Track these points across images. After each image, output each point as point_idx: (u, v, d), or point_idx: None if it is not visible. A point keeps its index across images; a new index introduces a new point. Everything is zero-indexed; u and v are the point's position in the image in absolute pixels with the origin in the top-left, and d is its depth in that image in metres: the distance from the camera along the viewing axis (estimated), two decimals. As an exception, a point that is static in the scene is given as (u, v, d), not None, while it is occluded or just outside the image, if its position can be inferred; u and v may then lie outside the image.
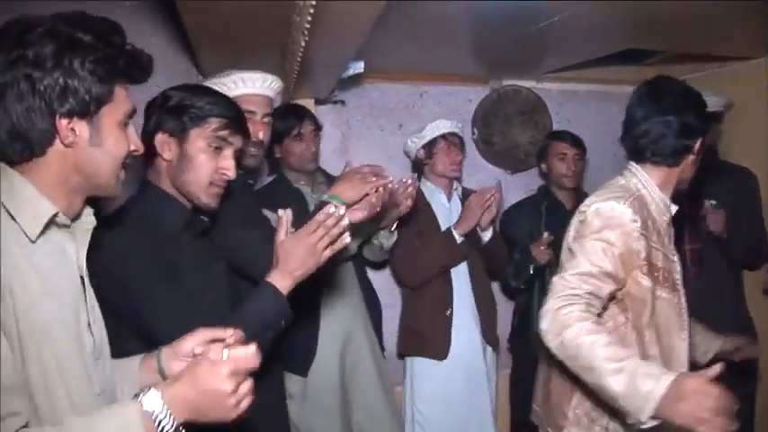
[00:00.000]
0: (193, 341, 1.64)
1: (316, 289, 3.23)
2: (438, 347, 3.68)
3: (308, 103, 3.92)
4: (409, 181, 2.99)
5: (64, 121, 1.38)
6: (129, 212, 2.01)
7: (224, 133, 2.09)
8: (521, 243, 3.86)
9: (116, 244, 1.84)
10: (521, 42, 3.67)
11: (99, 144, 1.44)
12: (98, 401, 1.47)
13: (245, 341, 1.73)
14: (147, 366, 1.69)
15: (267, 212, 2.76)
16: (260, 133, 2.71)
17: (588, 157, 4.57)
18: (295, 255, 1.95)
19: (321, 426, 3.25)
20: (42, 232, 1.39)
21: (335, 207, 1.95)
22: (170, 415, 1.33)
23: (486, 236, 3.71)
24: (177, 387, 1.37)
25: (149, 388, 1.35)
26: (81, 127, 1.41)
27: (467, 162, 4.58)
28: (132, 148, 1.53)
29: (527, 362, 3.97)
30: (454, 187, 3.92)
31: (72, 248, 1.49)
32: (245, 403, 1.40)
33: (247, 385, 1.40)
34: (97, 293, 1.57)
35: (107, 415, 1.34)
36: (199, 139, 2.06)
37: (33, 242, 1.37)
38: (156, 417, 1.32)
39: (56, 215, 1.41)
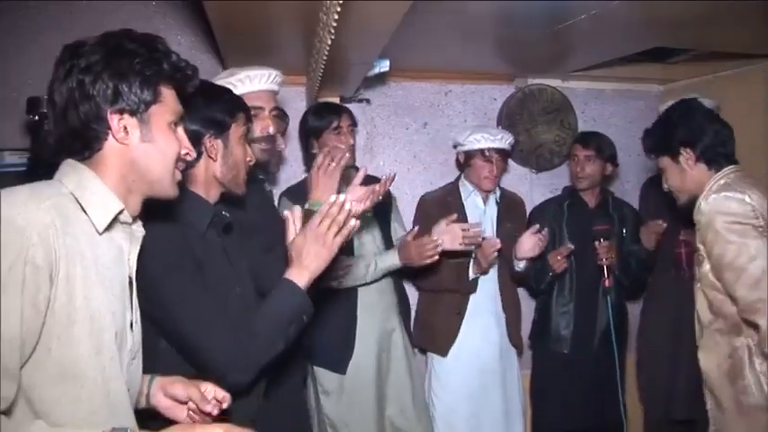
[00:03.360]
0: (187, 391, 1.69)
1: (353, 288, 3.36)
2: (442, 343, 3.74)
3: (333, 101, 3.92)
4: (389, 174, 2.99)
5: (115, 118, 1.48)
6: (155, 212, 2.04)
7: (248, 126, 2.25)
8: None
9: (146, 245, 1.87)
10: (546, 41, 3.66)
11: (150, 140, 1.54)
12: (127, 394, 1.53)
13: (271, 335, 1.88)
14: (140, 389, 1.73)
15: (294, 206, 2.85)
16: (270, 128, 2.81)
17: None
18: (307, 249, 1.99)
19: (356, 420, 3.36)
20: (108, 227, 1.48)
21: (336, 195, 2.00)
22: None
23: (521, 266, 3.72)
24: None
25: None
26: (132, 124, 1.51)
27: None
28: (183, 151, 1.62)
29: (545, 360, 4.00)
30: (491, 191, 3.92)
31: (126, 248, 1.57)
32: None
33: None
34: None
35: None
36: (236, 133, 2.18)
37: (100, 234, 1.47)
38: None
39: (121, 211, 1.51)
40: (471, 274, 3.66)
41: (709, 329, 2.57)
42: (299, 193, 3.17)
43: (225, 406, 1.68)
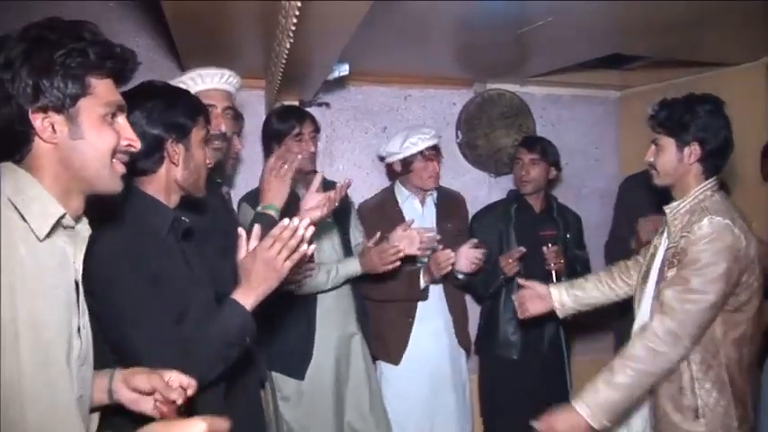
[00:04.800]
0: (149, 381, 1.65)
1: (311, 296, 3.36)
2: (394, 352, 3.72)
3: (292, 105, 3.90)
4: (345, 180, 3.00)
5: (39, 117, 1.40)
6: (114, 217, 2.01)
7: (207, 129, 2.22)
8: (490, 246, 3.86)
9: (100, 249, 1.84)
10: (505, 46, 3.68)
11: (81, 137, 1.45)
12: (76, 405, 1.47)
13: (211, 358, 1.88)
14: (98, 384, 1.67)
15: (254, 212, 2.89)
16: (222, 125, 2.78)
17: (569, 161, 4.60)
18: (256, 271, 1.96)
19: (315, 426, 3.36)
20: (49, 233, 1.41)
21: (279, 218, 1.97)
22: None
23: (460, 277, 3.72)
24: None
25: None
26: (59, 121, 1.43)
27: (451, 166, 4.60)
28: (125, 143, 1.54)
29: (493, 365, 4.01)
30: (429, 192, 3.89)
31: (71, 252, 1.50)
32: None
33: None
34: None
35: None
36: (197, 136, 2.15)
37: (41, 241, 1.39)
38: None
39: (63, 216, 1.43)
40: (422, 283, 3.63)
41: None
42: (256, 199, 3.15)
43: (190, 392, 1.66)
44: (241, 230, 2.09)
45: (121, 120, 1.56)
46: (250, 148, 3.92)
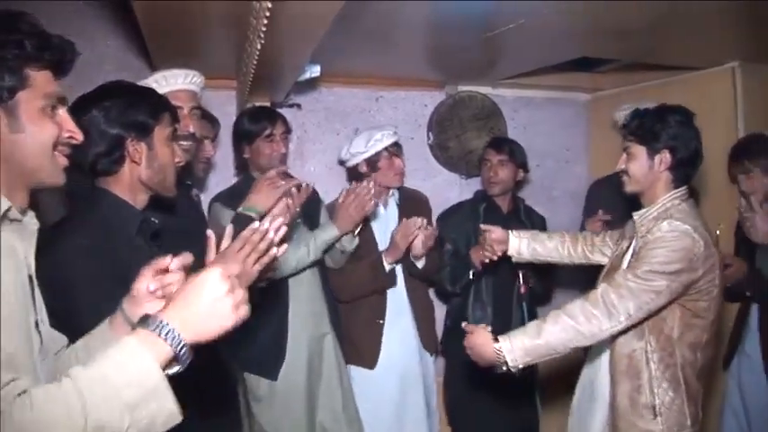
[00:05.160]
0: (145, 281, 1.61)
1: (284, 295, 3.34)
2: (368, 356, 3.69)
3: (265, 105, 3.88)
4: (304, 185, 3.00)
5: None
6: (81, 218, 1.99)
7: (174, 127, 2.19)
8: (457, 244, 3.88)
9: (66, 249, 1.82)
10: (477, 48, 3.70)
11: (21, 130, 1.41)
12: None
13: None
14: (118, 325, 1.63)
15: (228, 213, 2.93)
16: (190, 126, 2.76)
17: (540, 163, 4.62)
18: None
19: (288, 427, 3.34)
20: None
21: (256, 220, 1.96)
22: (178, 334, 1.31)
23: (420, 263, 3.70)
24: (171, 307, 1.35)
25: (146, 316, 1.33)
26: None
27: (422, 167, 4.62)
28: (66, 134, 1.50)
29: (461, 367, 4.00)
30: (390, 193, 3.88)
31: (20, 247, 1.46)
32: (244, 309, 1.39)
33: (242, 291, 1.39)
34: (44, 299, 1.54)
35: (111, 350, 1.30)
36: (161, 134, 2.11)
37: None
38: (163, 335, 1.30)
39: (9, 209, 1.39)
40: (387, 266, 3.60)
41: None
42: (230, 199, 3.15)
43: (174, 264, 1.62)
44: (210, 232, 2.05)
45: (62, 112, 1.51)
46: (221, 149, 3.90)
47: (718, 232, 3.66)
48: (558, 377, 3.34)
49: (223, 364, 2.43)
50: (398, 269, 3.72)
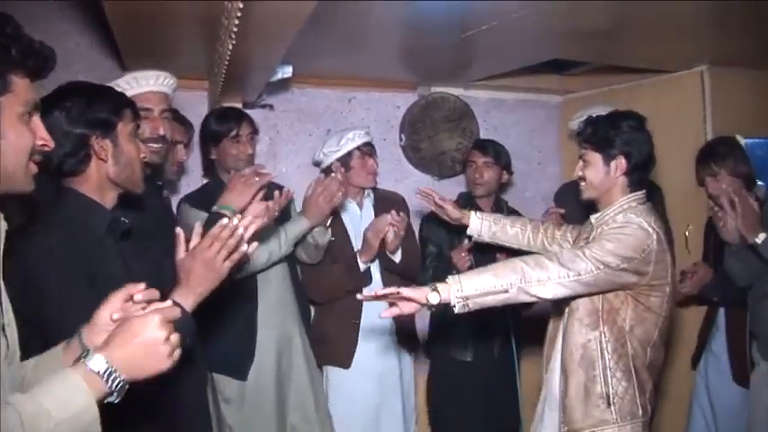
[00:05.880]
0: (108, 309, 1.60)
1: (252, 295, 3.33)
2: (343, 356, 3.68)
3: (235, 106, 3.86)
4: (285, 190, 2.99)
5: None
6: (49, 218, 1.97)
7: (136, 123, 2.20)
8: (440, 246, 3.88)
9: (35, 250, 1.80)
10: (449, 50, 3.71)
11: (1, 137, 1.39)
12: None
13: None
14: (72, 351, 1.60)
15: (197, 213, 2.92)
16: (160, 128, 2.74)
17: (512, 164, 4.63)
18: (195, 272, 1.92)
19: (258, 428, 3.32)
20: None
21: (229, 218, 1.95)
22: (115, 371, 1.34)
23: (397, 257, 3.70)
24: (112, 346, 1.38)
25: (89, 350, 1.36)
26: None
27: (395, 168, 4.62)
28: (39, 142, 1.48)
29: (445, 367, 4.01)
30: (365, 195, 3.88)
31: None
32: (177, 353, 1.44)
33: (176, 336, 1.44)
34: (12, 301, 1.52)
35: (54, 383, 1.32)
36: (125, 130, 2.11)
37: None
38: (103, 375, 1.33)
39: None
40: (362, 265, 3.61)
41: (572, 317, 2.66)
42: (199, 200, 3.13)
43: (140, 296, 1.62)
44: (179, 230, 2.05)
45: (36, 118, 1.50)
46: (193, 150, 3.87)
47: (687, 234, 3.72)
48: (542, 378, 3.34)
49: (191, 364, 2.41)
50: (375, 269, 3.71)
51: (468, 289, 2.41)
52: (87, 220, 2.02)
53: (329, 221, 3.39)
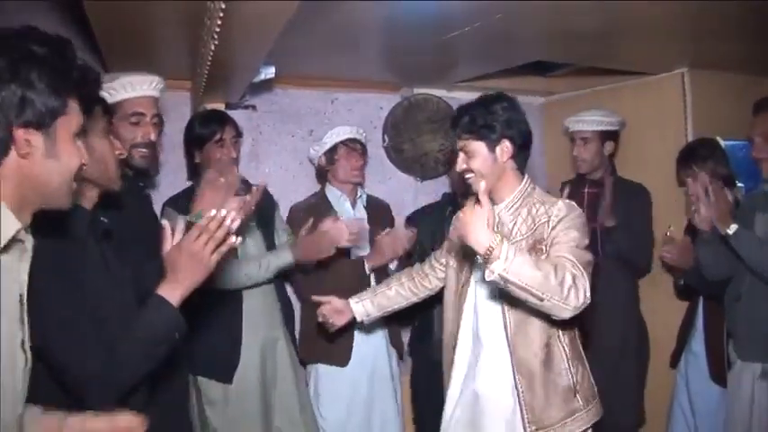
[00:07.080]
0: (104, 426, 1.60)
1: (237, 297, 3.32)
2: (339, 354, 3.67)
3: (218, 107, 3.86)
4: (255, 187, 3.01)
5: (20, 132, 1.38)
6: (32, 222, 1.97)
7: (107, 118, 2.20)
8: (425, 247, 3.85)
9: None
10: (432, 51, 3.72)
11: (54, 156, 1.44)
12: (15, 425, 1.44)
13: (138, 357, 1.84)
14: (47, 425, 1.58)
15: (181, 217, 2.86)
16: (151, 134, 2.77)
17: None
18: (182, 264, 1.90)
19: (243, 430, 3.31)
20: (4, 248, 1.38)
21: (216, 210, 1.94)
22: None
23: (393, 266, 3.76)
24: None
25: None
26: (36, 138, 1.40)
27: (377, 169, 4.61)
28: (84, 161, 1.53)
29: (427, 367, 4.01)
30: (358, 195, 3.92)
31: (17, 266, 1.47)
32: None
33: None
34: None
35: None
36: (96, 127, 2.10)
37: None
38: None
39: (19, 231, 1.40)
40: (368, 269, 3.62)
41: (529, 320, 2.58)
42: (182, 203, 3.12)
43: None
44: (165, 222, 2.07)
45: (80, 141, 1.54)
46: (175, 151, 3.86)
47: (668, 234, 3.75)
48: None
49: (172, 366, 2.41)
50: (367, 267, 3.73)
51: (510, 265, 2.25)
52: (68, 221, 2.00)
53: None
